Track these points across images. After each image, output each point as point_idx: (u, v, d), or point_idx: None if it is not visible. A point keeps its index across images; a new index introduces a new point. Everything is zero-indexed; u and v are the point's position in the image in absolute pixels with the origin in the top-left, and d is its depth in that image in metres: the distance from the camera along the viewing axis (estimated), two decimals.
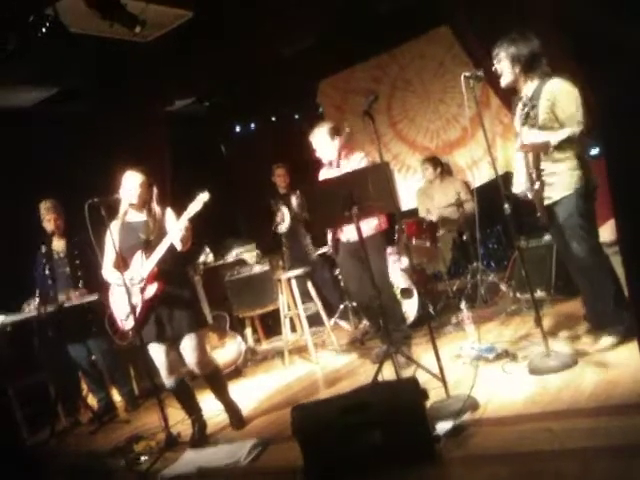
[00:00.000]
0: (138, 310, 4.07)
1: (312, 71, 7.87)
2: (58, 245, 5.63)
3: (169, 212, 4.22)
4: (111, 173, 4.27)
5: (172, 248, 4.05)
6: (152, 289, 4.05)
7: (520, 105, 3.57)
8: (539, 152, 3.63)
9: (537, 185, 3.68)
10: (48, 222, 5.53)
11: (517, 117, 3.68)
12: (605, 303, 3.71)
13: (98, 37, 5.44)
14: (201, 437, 4.16)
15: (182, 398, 4.29)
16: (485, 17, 5.35)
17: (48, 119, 6.72)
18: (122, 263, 4.11)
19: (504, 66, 3.75)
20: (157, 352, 4.13)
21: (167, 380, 4.18)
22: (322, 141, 4.86)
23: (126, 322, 4.19)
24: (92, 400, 5.87)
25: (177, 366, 4.21)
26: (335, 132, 4.87)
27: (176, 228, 3.99)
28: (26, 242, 5.69)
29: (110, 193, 4.19)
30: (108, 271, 4.23)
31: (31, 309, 5.38)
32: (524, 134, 3.55)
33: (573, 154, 3.65)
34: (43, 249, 5.55)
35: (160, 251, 4.02)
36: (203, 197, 3.97)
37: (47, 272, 5.50)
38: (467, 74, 3.72)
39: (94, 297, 5.41)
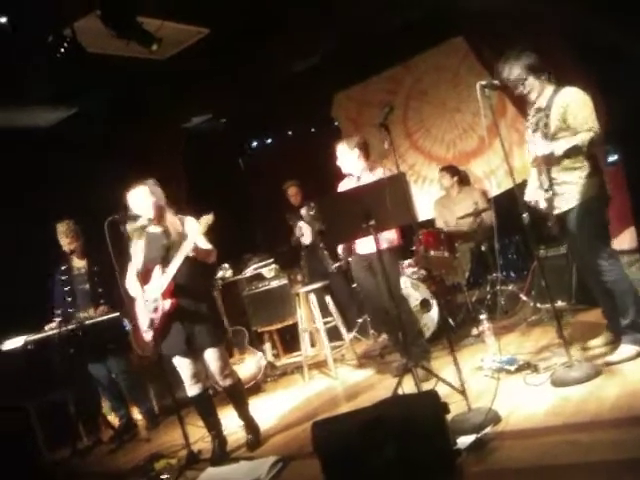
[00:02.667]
0: (156, 324, 4.06)
1: (327, 84, 7.89)
2: (79, 262, 5.67)
3: (190, 221, 4.19)
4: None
5: (190, 262, 4.05)
6: (167, 305, 4.03)
7: (532, 112, 3.57)
8: (549, 164, 3.61)
9: (548, 194, 3.65)
10: (67, 244, 5.56)
11: (529, 124, 3.67)
12: (624, 312, 3.66)
13: (115, 56, 5.50)
14: (221, 454, 4.14)
15: (204, 410, 4.28)
16: (498, 28, 5.33)
17: (66, 139, 6.79)
18: (145, 275, 4.11)
19: (530, 81, 3.69)
20: (181, 363, 4.14)
21: (191, 389, 4.19)
22: (346, 153, 4.87)
23: (147, 334, 4.17)
24: (113, 418, 5.89)
25: (201, 376, 4.22)
26: (360, 146, 4.88)
27: (187, 246, 3.97)
28: (45, 262, 5.75)
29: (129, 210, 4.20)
30: (130, 283, 4.23)
31: (52, 328, 5.41)
32: (538, 145, 3.52)
33: (586, 162, 3.62)
34: (62, 267, 5.61)
35: (174, 267, 4.00)
36: (207, 219, 3.95)
37: (66, 289, 5.56)
38: (483, 83, 3.70)
39: (115, 314, 5.42)
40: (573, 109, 3.53)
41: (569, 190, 3.64)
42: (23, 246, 6.08)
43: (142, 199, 4.15)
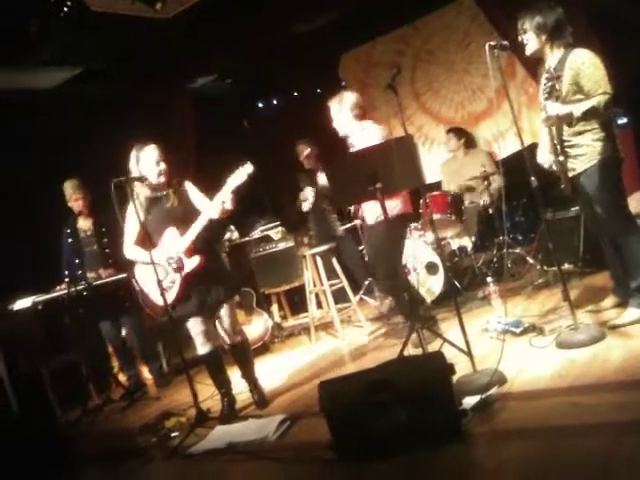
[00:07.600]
0: (177, 285, 4.07)
1: (334, 45, 7.79)
2: (85, 224, 5.68)
3: (188, 185, 4.19)
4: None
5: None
6: (193, 262, 4.03)
7: (544, 79, 3.50)
8: (563, 124, 3.56)
9: (561, 157, 3.63)
10: (75, 202, 5.57)
11: (541, 90, 3.61)
12: (635, 273, 3.66)
13: (120, 15, 5.42)
14: (230, 413, 4.21)
15: (214, 368, 4.33)
16: None
17: (72, 99, 6.75)
18: (148, 240, 4.06)
19: (529, 35, 3.68)
20: (193, 322, 4.18)
21: (202, 348, 4.23)
22: (336, 112, 4.63)
23: (158, 296, 4.08)
24: (123, 377, 5.98)
25: (212, 335, 4.27)
26: (352, 106, 4.57)
27: (217, 201, 3.93)
28: (54, 223, 5.76)
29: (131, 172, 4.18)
30: (130, 249, 4.21)
31: (61, 289, 5.45)
32: (548, 107, 3.48)
33: (598, 125, 3.58)
34: (68, 229, 5.62)
35: (198, 227, 4.00)
36: (247, 169, 3.87)
37: (73, 251, 5.58)
38: (492, 44, 3.64)
39: (122, 275, 5.44)
40: (586, 72, 3.48)
41: (583, 152, 3.61)
42: (30, 207, 6.10)
43: (156, 161, 4.11)
